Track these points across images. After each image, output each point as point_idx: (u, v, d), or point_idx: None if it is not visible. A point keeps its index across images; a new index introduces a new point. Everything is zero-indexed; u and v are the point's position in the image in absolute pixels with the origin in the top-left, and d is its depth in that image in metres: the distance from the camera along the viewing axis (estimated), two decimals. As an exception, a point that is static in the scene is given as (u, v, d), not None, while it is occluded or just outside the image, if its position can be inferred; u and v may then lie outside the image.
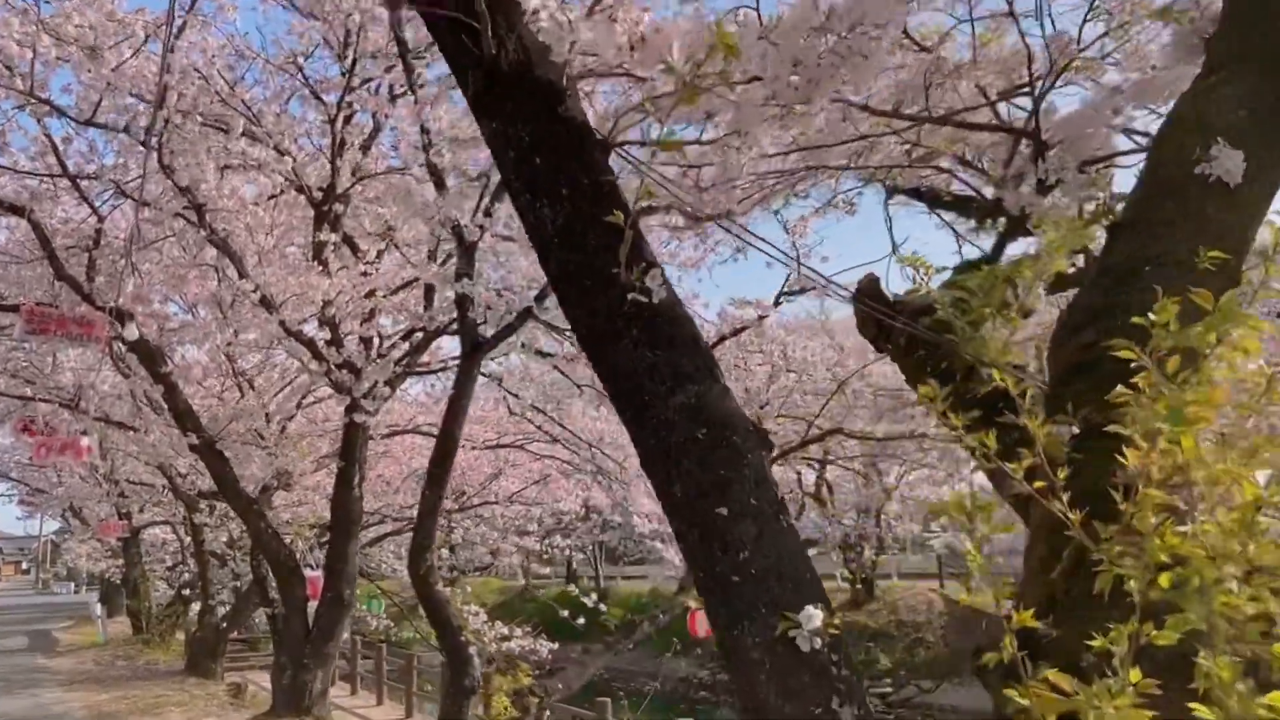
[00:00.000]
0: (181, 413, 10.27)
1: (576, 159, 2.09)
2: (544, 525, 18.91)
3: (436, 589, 7.44)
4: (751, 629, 1.93)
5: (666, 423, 2.06)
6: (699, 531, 2.03)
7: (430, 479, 7.43)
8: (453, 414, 7.31)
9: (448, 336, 12.19)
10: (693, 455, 2.04)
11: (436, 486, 7.35)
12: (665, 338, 2.10)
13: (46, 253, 9.68)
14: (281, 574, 10.65)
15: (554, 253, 2.13)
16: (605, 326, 2.11)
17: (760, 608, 1.94)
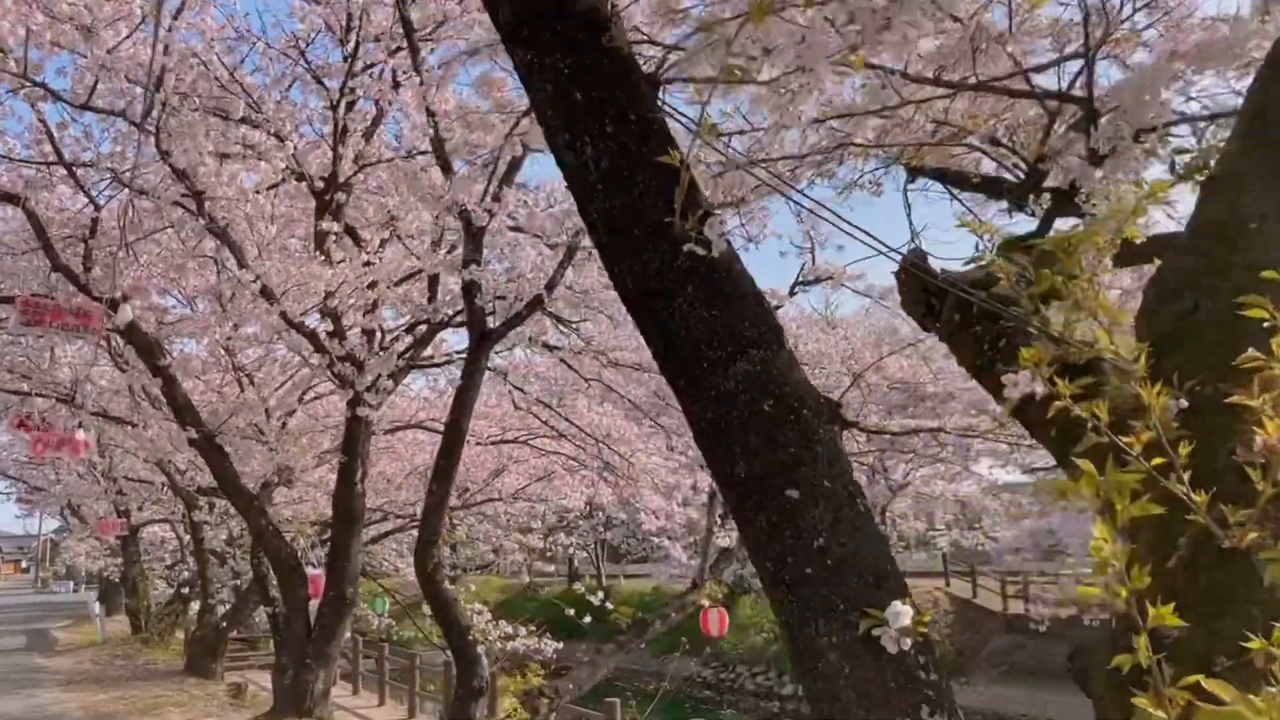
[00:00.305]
0: (181, 407, 10.03)
1: (622, 91, 1.85)
2: (547, 523, 18.67)
3: (444, 587, 7.20)
4: (827, 628, 1.69)
5: (727, 394, 1.82)
6: (765, 517, 1.79)
7: (436, 473, 7.19)
8: (460, 406, 7.07)
9: (452, 329, 12.00)
10: (758, 430, 1.80)
11: (443, 481, 7.10)
12: (724, 296, 1.86)
13: (42, 242, 9.44)
14: (283, 572, 10.42)
15: (596, 199, 1.88)
16: (655, 283, 1.86)
17: (838, 604, 1.70)
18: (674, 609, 9.08)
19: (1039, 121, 5.46)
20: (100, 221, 10.08)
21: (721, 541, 8.53)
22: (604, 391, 11.10)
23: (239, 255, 9.50)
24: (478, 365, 7.07)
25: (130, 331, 9.96)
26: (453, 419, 7.14)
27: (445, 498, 7.20)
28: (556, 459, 15.38)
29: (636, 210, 1.84)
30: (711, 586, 9.04)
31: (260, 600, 11.84)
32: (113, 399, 15.05)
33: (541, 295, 6.88)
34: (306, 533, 12.13)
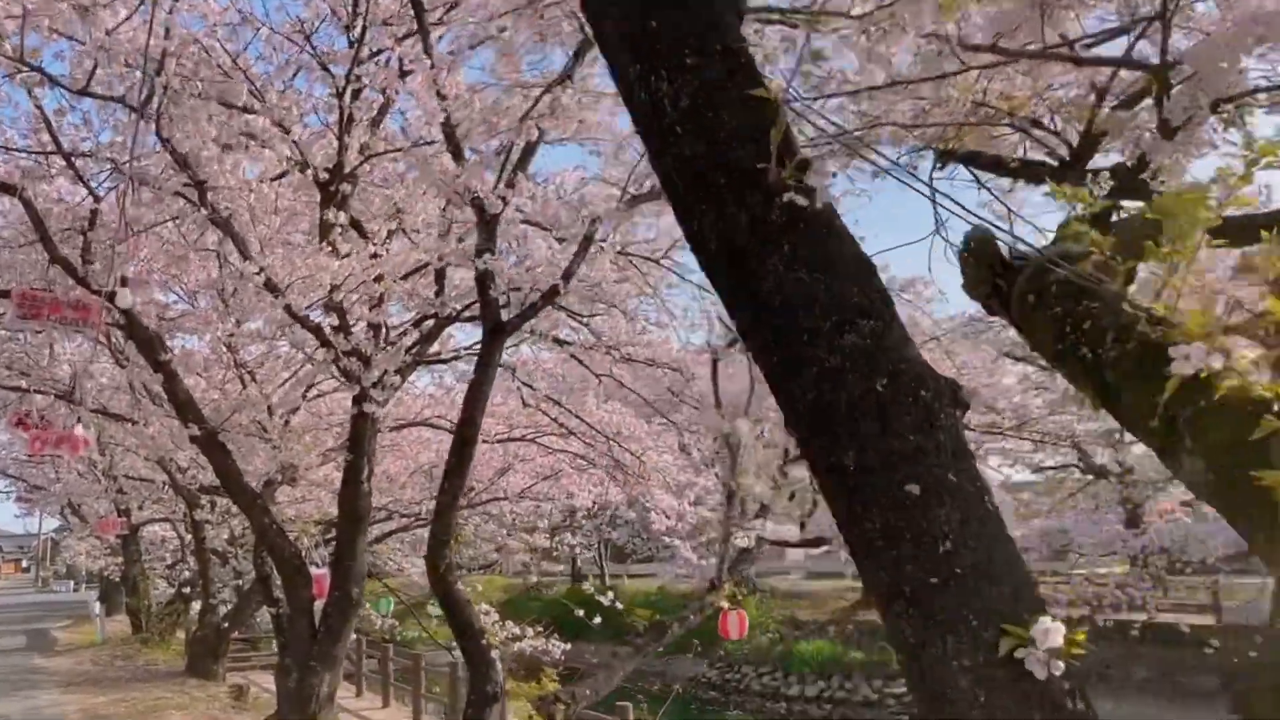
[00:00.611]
0: (182, 403, 9.77)
1: (704, 18, 1.59)
2: (552, 521, 18.41)
3: (456, 588, 6.94)
4: (957, 647, 1.44)
5: (832, 371, 1.56)
6: (880, 516, 1.53)
7: (449, 470, 6.93)
8: (473, 400, 6.81)
9: (460, 325, 11.75)
10: (871, 414, 1.54)
11: (456, 477, 6.84)
12: (828, 256, 1.60)
13: (40, 233, 9.18)
14: (287, 572, 10.15)
15: (673, 144, 1.62)
16: (745, 241, 1.60)
17: (969, 618, 1.44)
18: (693, 610, 8.82)
19: (1082, 102, 5.20)
20: (100, 213, 9.82)
21: (740, 542, 8.29)
22: (615, 388, 10.84)
23: (242, 247, 9.24)
24: (492, 358, 6.81)
25: (131, 325, 9.70)
26: (466, 414, 6.88)
27: (458, 496, 6.93)
28: (564, 457, 15.14)
29: (722, 155, 1.58)
30: (730, 587, 8.78)
31: (264, 601, 11.58)
32: (113, 396, 14.80)
33: (558, 285, 6.61)
34: (310, 532, 11.87)
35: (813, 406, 1.59)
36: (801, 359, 1.58)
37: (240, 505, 10.16)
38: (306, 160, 9.54)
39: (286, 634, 10.67)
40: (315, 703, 10.16)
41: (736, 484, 8.32)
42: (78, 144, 9.54)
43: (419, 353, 10.48)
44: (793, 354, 1.59)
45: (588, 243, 6.75)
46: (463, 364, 12.76)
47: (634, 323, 9.96)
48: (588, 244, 6.75)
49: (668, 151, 1.64)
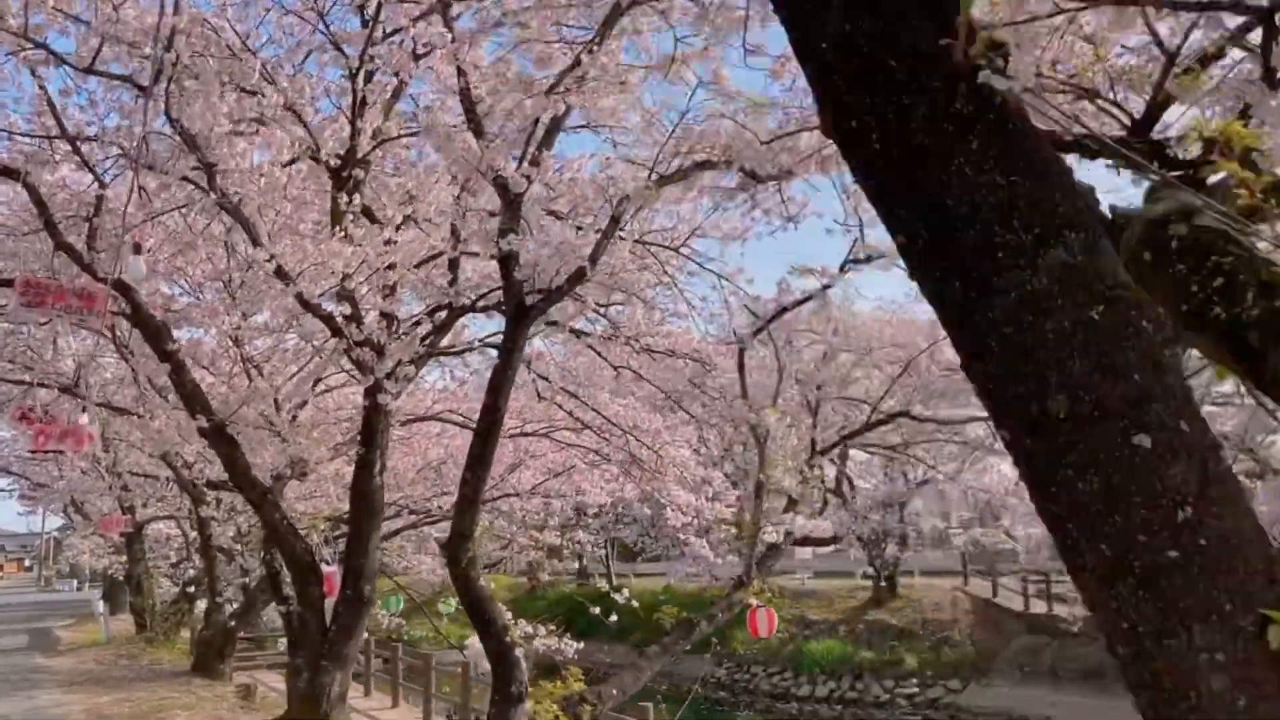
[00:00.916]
0: (190, 394, 9.50)
1: None
2: (562, 518, 18.13)
3: (478, 584, 6.66)
4: (1207, 639, 1.15)
5: (1036, 295, 1.27)
6: (1099, 476, 1.24)
7: (473, 459, 6.64)
8: (497, 387, 6.53)
9: (473, 317, 11.47)
10: (1086, 349, 1.25)
11: (480, 468, 6.55)
12: (1024, 155, 1.31)
13: (44, 219, 8.91)
14: (298, 569, 9.88)
15: (831, 20, 1.33)
16: (921, 137, 1.31)
17: (1221, 602, 1.16)
18: (721, 609, 8.53)
19: (1141, 70, 4.89)
20: (105, 200, 9.55)
21: (769, 537, 7.98)
22: (633, 380, 10.55)
23: (252, 232, 8.97)
24: (516, 343, 6.52)
25: (137, 314, 9.44)
26: (489, 402, 6.60)
27: (481, 487, 6.65)
28: (576, 453, 14.87)
29: (891, 33, 1.29)
30: (759, 584, 8.47)
31: (273, 599, 11.31)
32: (117, 391, 14.55)
33: (584, 268, 6.32)
34: (320, 528, 11.60)
35: (1008, 342, 1.29)
36: (994, 283, 1.30)
37: (250, 500, 9.89)
38: (318, 145, 9.29)
39: (297, 633, 10.40)
40: (326, 703, 9.89)
41: (765, 476, 8.02)
42: (83, 128, 9.29)
43: (433, 343, 10.21)
44: (983, 276, 1.30)
45: (614, 224, 6.47)
46: (476, 357, 12.48)
47: (653, 312, 9.67)
48: (614, 225, 6.47)
49: (824, 31, 1.35)
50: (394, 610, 19.06)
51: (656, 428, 11.87)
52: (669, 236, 9.80)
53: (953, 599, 28.42)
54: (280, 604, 10.99)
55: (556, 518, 17.48)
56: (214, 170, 8.54)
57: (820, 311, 7.94)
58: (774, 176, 8.08)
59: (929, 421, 9.07)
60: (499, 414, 6.60)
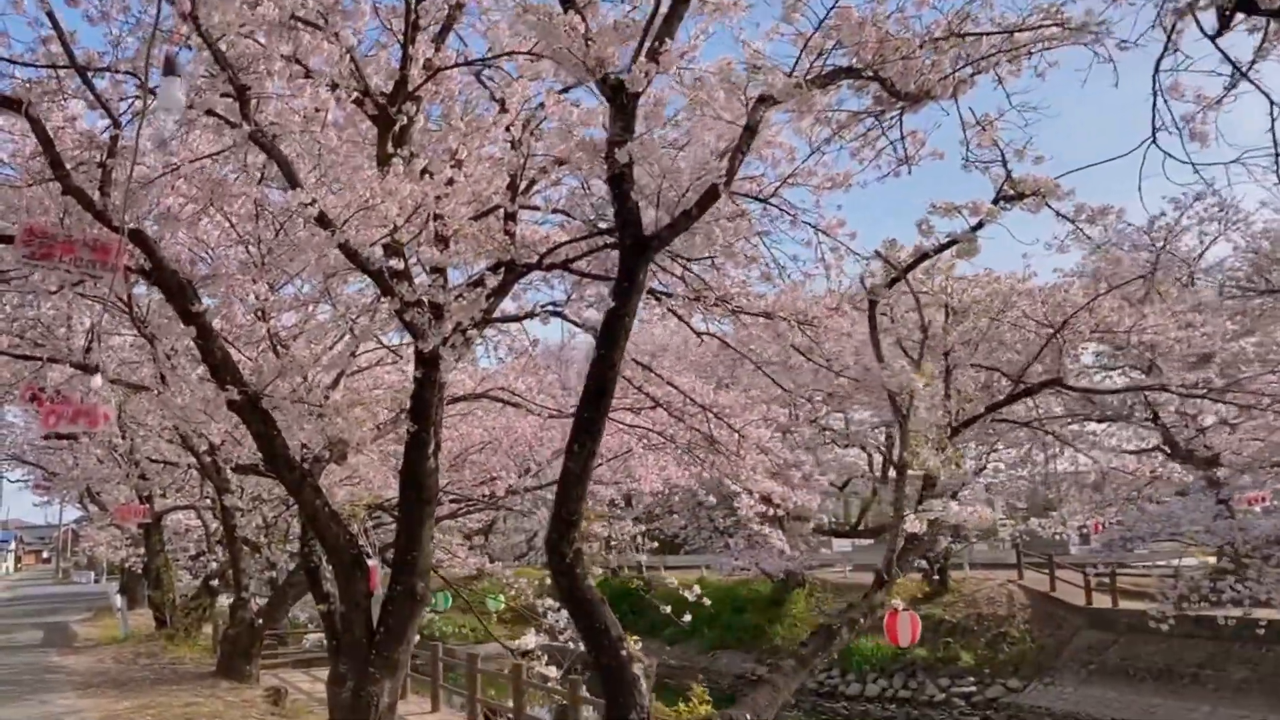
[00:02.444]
0: (218, 363, 8.27)
1: None
2: (612, 508, 16.91)
3: (587, 584, 5.40)
4: None
5: None
6: None
7: (581, 426, 5.37)
8: (611, 337, 5.26)
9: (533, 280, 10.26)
10: None
11: (589, 438, 5.28)
12: None
13: (49, 157, 7.67)
14: (341, 563, 8.65)
15: None
16: None
17: None
18: (861, 612, 7.22)
19: None
20: (120, 140, 8.31)
21: (913, 526, 6.69)
22: (719, 349, 9.28)
23: (290, 173, 7.73)
24: (635, 281, 5.25)
25: (158, 270, 8.21)
26: (602, 354, 5.33)
27: (591, 462, 5.39)
28: (632, 435, 13.60)
29: None
30: (899, 583, 7.14)
31: (314, 597, 10.06)
32: (134, 371, 13.39)
33: (716, 186, 5.03)
34: (360, 516, 10.36)
35: None
36: None
37: (287, 484, 8.65)
38: (364, 78, 8.07)
39: (339, 635, 9.17)
40: (374, 714, 8.67)
41: (910, 455, 6.73)
42: (94, 58, 8.07)
43: (489, 309, 8.94)
44: None
45: (750, 135, 5.17)
46: (537, 325, 11.21)
47: (751, 268, 8.39)
48: (751, 135, 5.17)
49: None
50: (444, 607, 17.84)
51: (733, 404, 10.60)
52: (755, 186, 8.51)
53: (1008, 593, 27.07)
54: (320, 602, 9.75)
55: (608, 507, 16.18)
56: (247, 95, 7.29)
57: (966, 256, 6.62)
58: (913, 97, 6.79)
59: (1084, 391, 7.76)
60: (613, 370, 5.33)
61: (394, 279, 8.20)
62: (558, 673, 12.26)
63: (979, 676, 24.24)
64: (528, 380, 12.43)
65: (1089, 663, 23.13)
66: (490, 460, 14.07)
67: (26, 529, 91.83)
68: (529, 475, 14.93)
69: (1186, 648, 21.26)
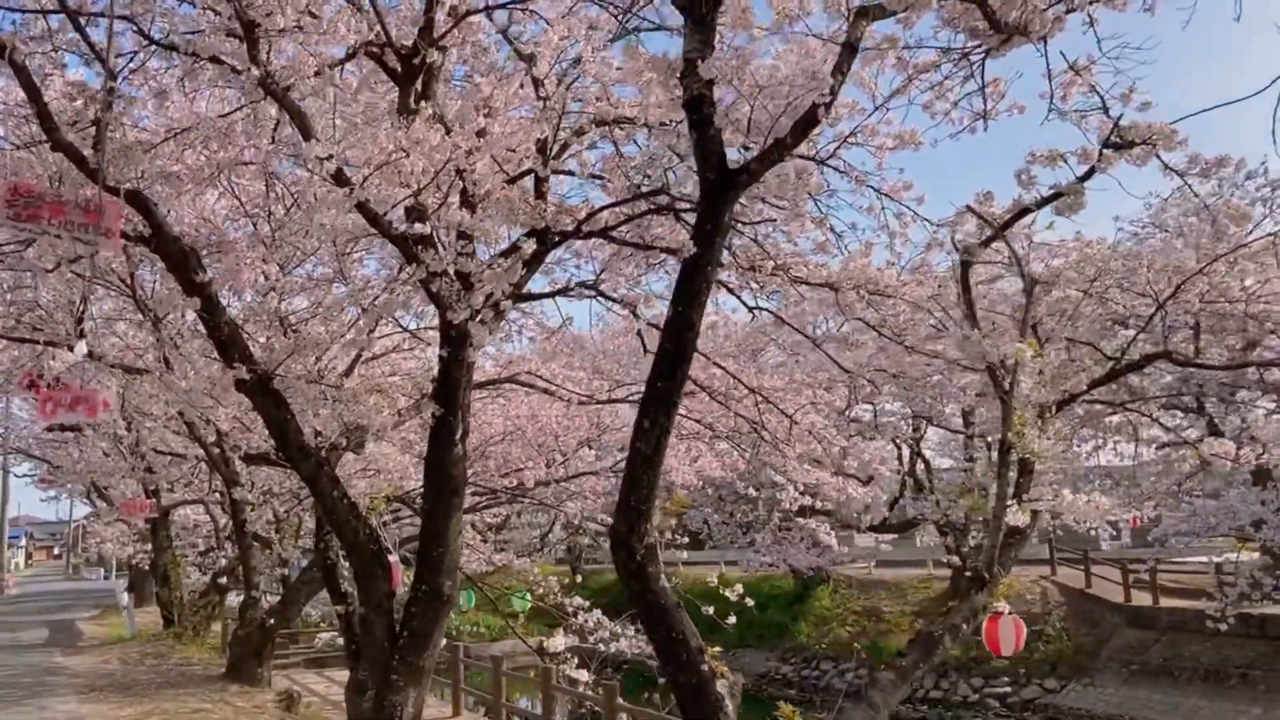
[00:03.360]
0: (226, 339, 7.48)
1: None
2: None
3: (661, 586, 4.59)
4: None
5: None
6: None
7: (653, 399, 4.54)
8: (690, 291, 4.43)
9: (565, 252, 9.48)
10: None
11: (662, 412, 4.45)
12: None
13: (36, 108, 6.90)
14: (360, 561, 7.85)
15: None
16: None
17: None
18: (963, 616, 6.38)
19: None
20: (116, 93, 7.51)
21: (1015, 519, 5.86)
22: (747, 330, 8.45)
23: (304, 124, 6.94)
24: (718, 224, 4.42)
25: (159, 236, 7.41)
26: (679, 311, 4.50)
27: (665, 440, 4.56)
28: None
29: None
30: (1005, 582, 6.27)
31: (332, 598, 9.27)
32: (139, 359, 12.66)
33: (818, 108, 4.21)
34: (380, 509, 9.58)
35: None
36: None
37: (302, 473, 7.86)
38: (384, 27, 7.29)
39: (359, 639, 8.39)
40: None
41: (1015, 436, 5.88)
42: (86, 3, 7.29)
43: (523, 280, 8.15)
44: None
45: (851, 52, 4.34)
46: (566, 303, 10.42)
47: (803, 236, 7.56)
48: (852, 54, 4.34)
49: None
50: (467, 607, 17.04)
51: (784, 388, 9.77)
52: (810, 148, 7.66)
53: (1041, 590, 26.17)
54: (337, 603, 8.97)
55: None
56: (256, 34, 6.50)
57: (1071, 211, 5.78)
58: (1012, 30, 5.97)
59: (1194, 366, 6.92)
60: (693, 331, 4.51)
61: (418, 245, 7.41)
62: (589, 676, 11.47)
63: (1014, 676, 23.37)
64: (554, 365, 11.62)
65: (1130, 663, 22.22)
66: (512, 451, 13.27)
67: (37, 525, 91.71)
68: (554, 466, 14.12)
69: (1233, 647, 20.35)
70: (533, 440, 13.85)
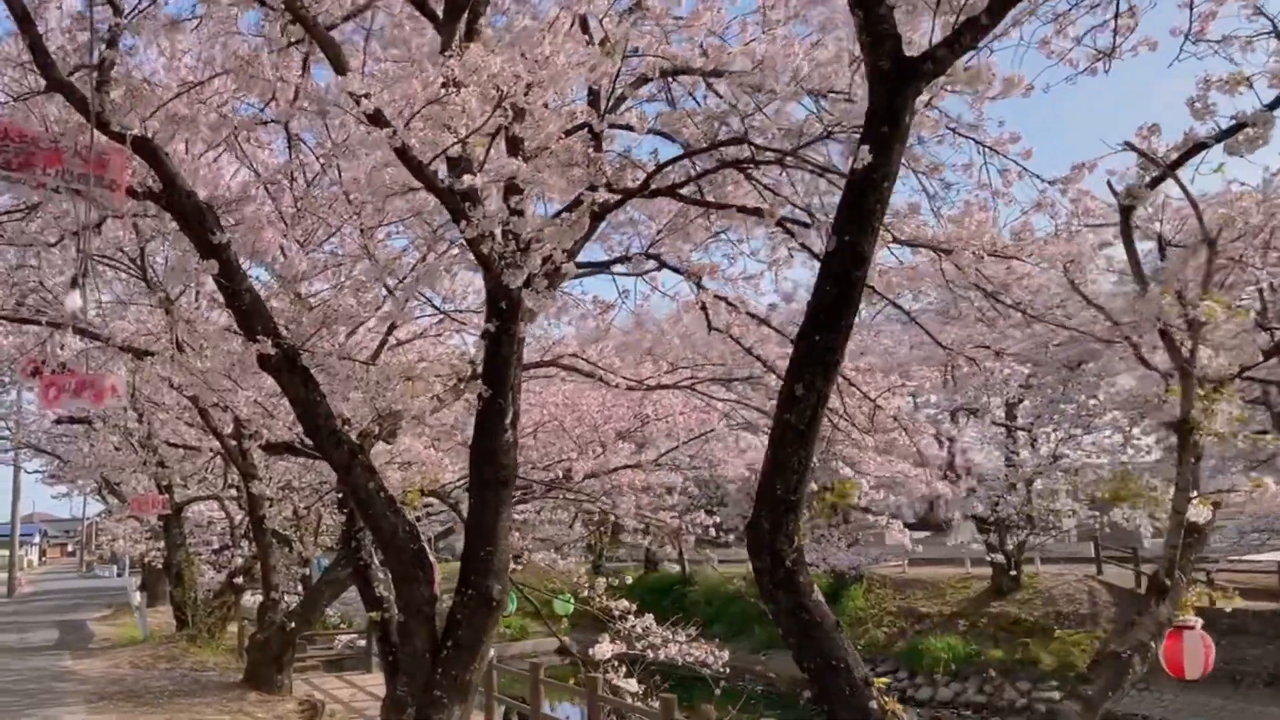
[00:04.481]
0: (247, 307, 6.55)
1: None
2: (684, 496, 15.17)
3: (815, 599, 3.60)
4: None
5: None
6: None
7: (805, 361, 3.51)
8: (861, 212, 3.33)
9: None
10: None
11: (819, 374, 3.38)
12: None
13: (28, 39, 5.98)
14: (400, 561, 6.90)
15: None
16: None
17: None
18: (1149, 632, 5.35)
19: None
20: (120, 27, 6.58)
21: (1197, 514, 4.88)
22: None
23: (336, 55, 6.02)
24: (897, 126, 3.36)
25: (170, 191, 6.48)
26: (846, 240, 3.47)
27: (820, 411, 3.55)
28: (715, 410, 11.83)
29: None
30: (1185, 599, 5.26)
31: (365, 602, 8.32)
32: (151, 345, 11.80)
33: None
34: (414, 504, 8.63)
35: None
36: None
37: (334, 463, 6.92)
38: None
39: (396, 649, 7.45)
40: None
41: (1201, 411, 4.90)
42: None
43: (577, 248, 7.20)
44: None
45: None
46: (622, 277, 9.44)
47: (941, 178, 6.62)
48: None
49: None
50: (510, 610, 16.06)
51: (865, 368, 8.79)
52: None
53: (1088, 589, 25.08)
54: (371, 608, 8.03)
55: (674, 495, 14.38)
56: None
57: (1252, 148, 4.78)
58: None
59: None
60: (863, 265, 3.51)
61: (465, 202, 6.49)
62: (637, 686, 10.53)
63: (1063, 680, 22.27)
64: (602, 348, 10.65)
65: (1187, 666, 21.14)
66: (554, 441, 12.33)
67: (51, 522, 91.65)
68: (585, 460, 13.15)
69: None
70: (569, 431, 12.90)
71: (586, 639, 13.68)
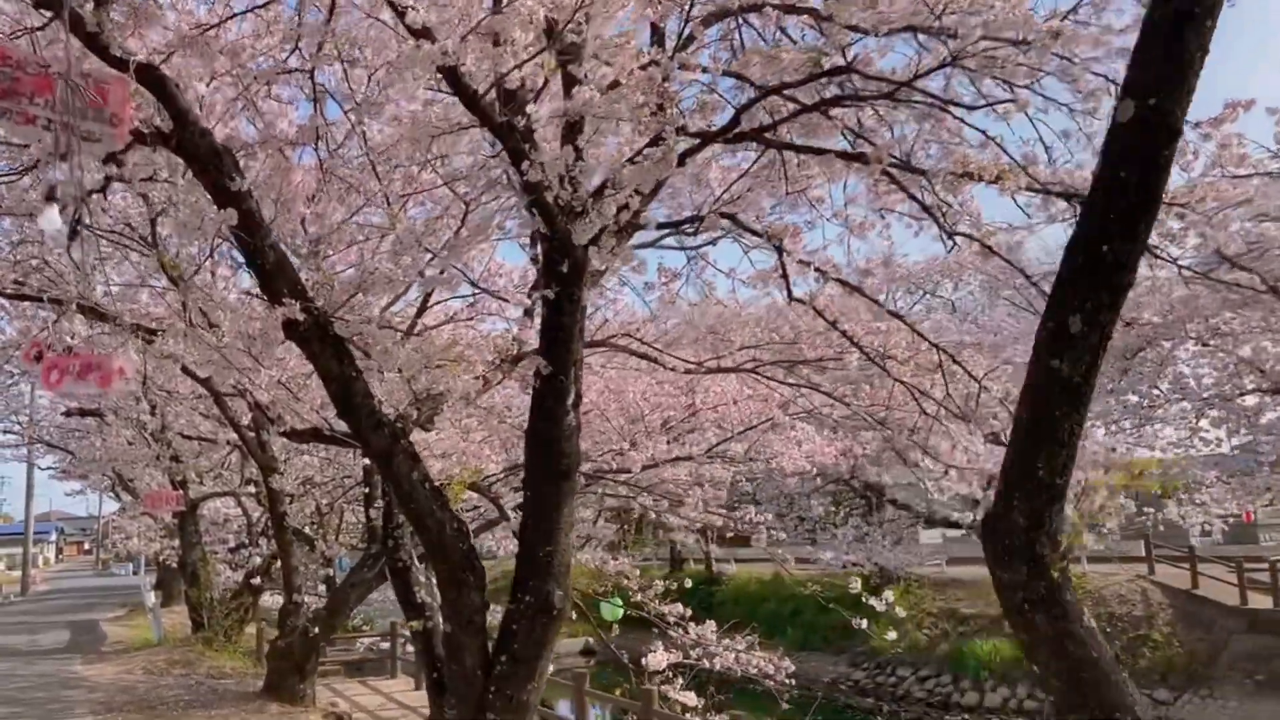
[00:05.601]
0: (272, 266, 5.60)
1: None
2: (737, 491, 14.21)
3: (1087, 625, 2.48)
4: None
5: None
6: None
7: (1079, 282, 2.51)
8: (1166, 80, 2.44)
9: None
10: None
11: (1109, 301, 2.45)
12: None
13: (12, -57, 5.03)
14: (448, 564, 5.94)
15: None
16: None
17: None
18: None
19: None
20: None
21: None
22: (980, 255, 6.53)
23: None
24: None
25: (180, 129, 5.53)
26: (1151, 106, 2.42)
27: (1099, 358, 2.55)
28: (775, 399, 10.84)
29: None
30: None
31: (406, 610, 7.35)
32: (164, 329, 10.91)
33: None
34: (460, 497, 7.68)
35: None
36: None
37: (372, 449, 5.96)
38: None
39: (442, 664, 6.49)
40: (495, 780, 6.01)
41: None
42: None
43: (635, 214, 6.22)
44: None
45: None
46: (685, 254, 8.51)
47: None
48: None
49: None
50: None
51: (968, 344, 7.76)
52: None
53: (1141, 590, 23.93)
54: (413, 617, 7.07)
55: (727, 491, 13.39)
56: None
57: None
58: None
59: None
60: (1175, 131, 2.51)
61: (519, 137, 5.56)
62: (697, 700, 9.56)
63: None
64: (658, 327, 9.68)
65: (1254, 672, 20.03)
66: (607, 428, 11.39)
67: (68, 520, 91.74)
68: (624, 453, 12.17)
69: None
70: (613, 419, 11.94)
71: (625, 644, 12.74)
